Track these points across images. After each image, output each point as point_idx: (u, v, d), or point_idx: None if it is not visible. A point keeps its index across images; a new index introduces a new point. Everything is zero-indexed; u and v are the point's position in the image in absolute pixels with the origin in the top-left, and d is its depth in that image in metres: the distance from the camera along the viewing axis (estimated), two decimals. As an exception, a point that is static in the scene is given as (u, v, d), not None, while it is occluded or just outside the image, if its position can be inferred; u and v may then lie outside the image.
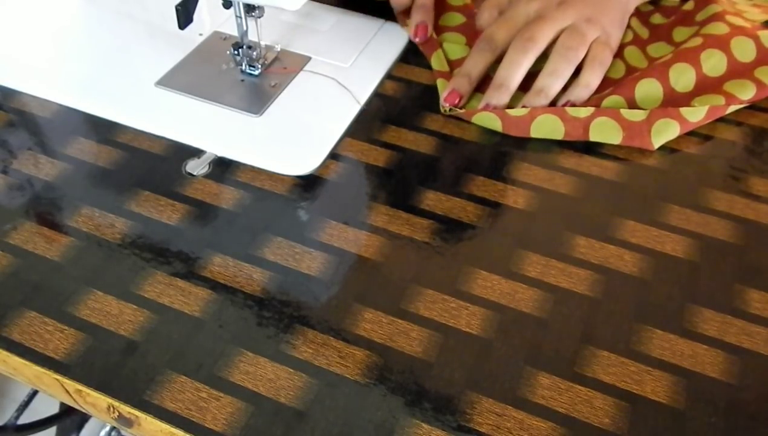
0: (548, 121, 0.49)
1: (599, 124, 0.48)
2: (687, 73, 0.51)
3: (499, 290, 0.40)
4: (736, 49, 0.52)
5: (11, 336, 0.37)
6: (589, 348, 0.37)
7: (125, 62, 0.54)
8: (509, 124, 0.49)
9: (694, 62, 0.51)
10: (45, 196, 0.45)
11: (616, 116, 0.49)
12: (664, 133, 0.48)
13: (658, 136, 0.48)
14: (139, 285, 0.40)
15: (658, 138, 0.48)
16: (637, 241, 0.42)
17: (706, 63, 0.51)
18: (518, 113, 0.49)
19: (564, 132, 0.49)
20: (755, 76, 0.52)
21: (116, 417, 0.35)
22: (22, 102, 0.52)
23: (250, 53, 0.52)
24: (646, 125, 0.48)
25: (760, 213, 0.44)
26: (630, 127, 0.48)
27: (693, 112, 0.49)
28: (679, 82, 0.51)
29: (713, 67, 0.51)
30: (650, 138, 0.48)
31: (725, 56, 0.52)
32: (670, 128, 0.48)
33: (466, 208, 0.44)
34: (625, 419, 0.34)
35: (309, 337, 0.37)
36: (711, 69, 0.51)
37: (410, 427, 0.34)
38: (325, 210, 0.44)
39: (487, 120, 0.50)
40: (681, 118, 0.49)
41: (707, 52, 0.52)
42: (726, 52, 0.52)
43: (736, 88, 0.51)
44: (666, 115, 0.49)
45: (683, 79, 0.51)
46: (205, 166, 0.47)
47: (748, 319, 0.38)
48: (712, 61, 0.51)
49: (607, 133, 0.48)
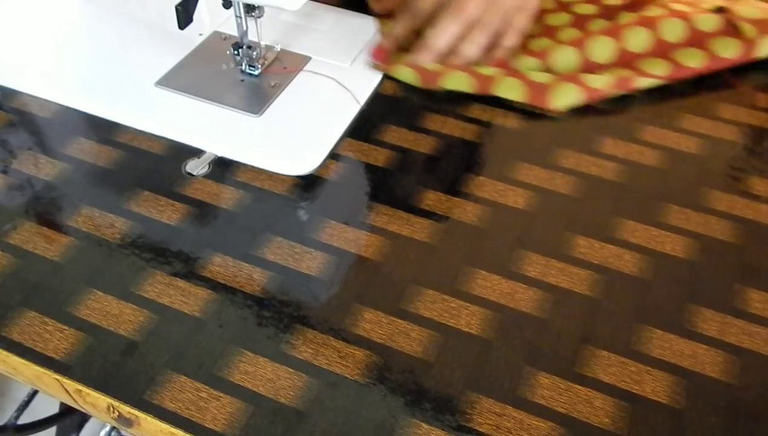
0: (459, 76, 0.52)
1: (505, 82, 0.51)
2: (607, 46, 0.53)
3: (499, 290, 0.40)
4: (665, 28, 0.53)
5: (11, 336, 0.37)
6: (589, 348, 0.37)
7: (125, 62, 0.54)
8: (425, 78, 0.53)
9: (617, 36, 0.53)
10: (45, 196, 0.45)
11: (521, 77, 0.51)
12: (566, 97, 0.51)
13: (558, 98, 0.51)
14: (139, 285, 0.40)
15: (559, 100, 0.51)
16: (637, 241, 0.42)
17: (629, 38, 0.53)
18: (433, 68, 0.52)
19: (472, 86, 0.52)
20: (674, 57, 0.53)
21: (116, 417, 0.35)
22: (22, 102, 0.52)
23: (250, 53, 0.52)
24: (549, 87, 0.51)
25: (760, 213, 0.44)
26: (533, 87, 0.51)
27: (596, 79, 0.51)
28: (595, 53, 0.53)
29: (636, 43, 0.53)
30: (551, 99, 0.51)
31: (651, 34, 0.53)
32: (571, 92, 0.51)
33: (466, 208, 0.44)
34: (625, 419, 0.34)
35: (309, 337, 0.37)
36: (633, 45, 0.53)
37: (410, 427, 0.34)
38: (325, 210, 0.44)
39: (405, 74, 0.53)
40: (584, 85, 0.51)
41: (633, 29, 0.54)
42: (653, 30, 0.53)
43: (651, 65, 0.53)
44: (569, 80, 0.51)
45: (601, 50, 0.53)
46: (205, 166, 0.47)
47: (748, 319, 0.38)
48: (636, 37, 0.53)
49: (511, 91, 0.51)
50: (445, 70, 0.52)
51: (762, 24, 0.54)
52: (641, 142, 0.49)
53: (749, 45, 0.54)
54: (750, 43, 0.53)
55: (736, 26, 0.54)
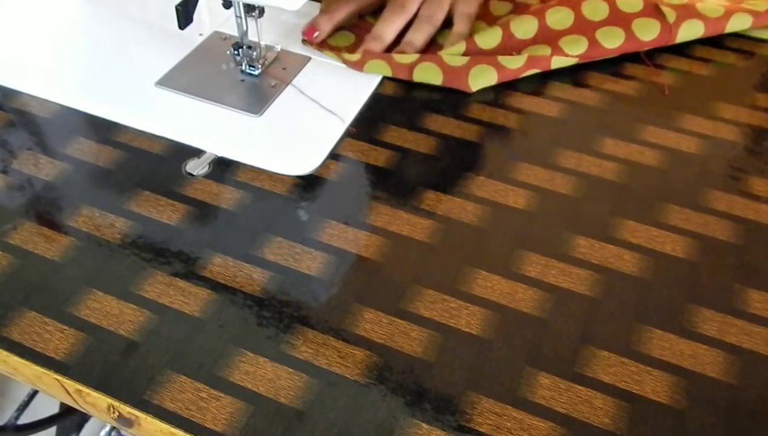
0: (378, 63, 0.53)
1: (422, 68, 0.53)
2: (528, 23, 0.54)
3: (499, 290, 0.40)
4: (587, 9, 0.55)
5: (11, 336, 0.37)
6: (589, 348, 0.37)
7: (125, 62, 0.54)
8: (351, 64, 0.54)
9: (538, 15, 0.55)
10: (45, 196, 0.45)
11: (438, 61, 0.53)
12: (482, 78, 0.52)
13: (475, 80, 0.52)
14: (139, 285, 0.40)
15: (475, 82, 0.52)
16: (637, 241, 0.42)
17: (550, 17, 0.55)
18: (353, 58, 0.54)
19: (391, 72, 0.53)
20: (594, 36, 0.54)
21: (116, 417, 0.35)
22: (22, 102, 0.52)
23: (250, 53, 0.52)
24: (465, 70, 0.52)
25: (760, 213, 0.44)
26: (450, 71, 0.52)
27: (511, 60, 0.52)
28: (519, 30, 0.54)
29: (557, 21, 0.55)
30: (468, 81, 0.52)
31: (572, 12, 0.55)
32: (487, 74, 0.52)
33: (466, 208, 0.44)
34: (625, 419, 0.34)
35: (309, 337, 0.37)
36: (555, 22, 0.55)
37: (410, 427, 0.34)
38: (325, 210, 0.44)
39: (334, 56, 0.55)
40: (498, 66, 0.52)
41: (555, 8, 0.55)
42: (575, 10, 0.55)
43: (569, 43, 0.54)
44: (484, 61, 0.52)
45: (523, 27, 0.54)
46: (205, 166, 0.47)
47: (748, 319, 0.38)
48: (557, 15, 0.55)
49: (428, 76, 0.53)
50: (366, 58, 0.53)
51: (683, 8, 0.55)
52: (641, 142, 0.49)
53: (668, 30, 0.55)
54: (669, 27, 0.55)
55: (658, 8, 0.55)
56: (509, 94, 0.53)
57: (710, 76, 0.56)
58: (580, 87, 0.54)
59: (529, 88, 0.54)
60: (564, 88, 0.54)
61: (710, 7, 0.56)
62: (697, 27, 0.55)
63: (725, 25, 0.56)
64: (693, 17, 0.55)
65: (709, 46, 0.58)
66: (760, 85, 0.55)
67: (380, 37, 0.55)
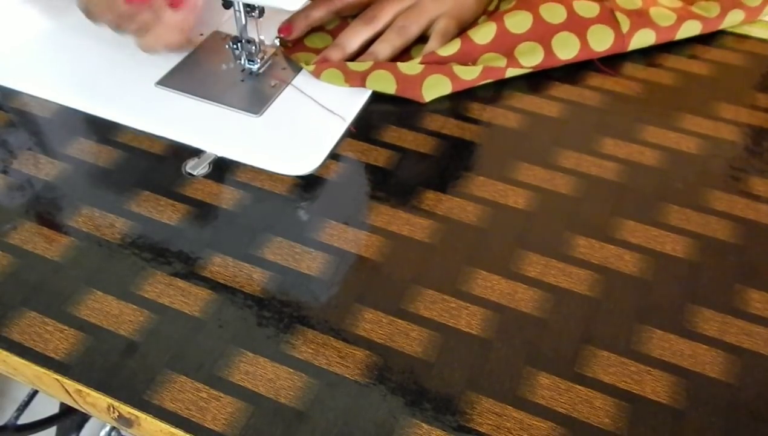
0: (333, 72, 0.52)
1: (376, 76, 0.51)
2: (487, 27, 0.54)
3: (499, 290, 0.40)
4: (545, 12, 0.54)
5: (11, 336, 0.37)
6: (589, 348, 0.37)
7: (125, 62, 0.54)
8: (311, 72, 0.53)
9: (497, 20, 0.54)
10: (45, 196, 0.45)
11: (392, 69, 0.52)
12: (435, 89, 0.52)
13: (429, 90, 0.51)
14: (139, 285, 0.40)
15: (429, 92, 0.51)
16: (637, 241, 0.42)
17: (509, 20, 0.54)
18: (309, 67, 0.53)
19: (344, 79, 0.52)
20: (550, 44, 0.54)
21: (116, 417, 0.35)
22: (22, 102, 0.52)
23: (249, 47, 0.52)
24: (419, 79, 0.51)
25: (760, 213, 0.44)
26: (404, 79, 0.51)
27: (466, 70, 0.52)
28: (477, 35, 0.53)
29: (515, 23, 0.54)
30: (421, 91, 0.51)
31: (531, 15, 0.54)
32: (441, 84, 0.52)
33: (466, 208, 0.44)
34: (625, 419, 0.34)
35: (309, 337, 0.37)
36: (513, 25, 0.54)
37: (410, 427, 0.34)
38: (325, 210, 0.44)
39: (302, 59, 0.54)
40: (453, 76, 0.52)
41: (513, 12, 0.54)
42: (533, 12, 0.54)
43: (525, 53, 0.53)
44: (439, 71, 0.51)
45: (482, 31, 0.53)
46: (205, 166, 0.47)
47: (748, 319, 0.38)
48: (515, 18, 0.54)
49: (382, 84, 0.51)
50: (323, 66, 0.52)
51: (637, 16, 0.55)
52: (641, 142, 0.49)
53: (621, 39, 0.55)
54: (623, 37, 0.55)
55: (613, 15, 0.55)
56: (509, 94, 0.53)
57: (710, 76, 0.56)
58: (580, 87, 0.54)
59: (529, 88, 0.54)
60: (564, 88, 0.54)
61: (663, 14, 0.56)
62: (649, 36, 0.56)
63: (676, 33, 0.57)
64: (646, 26, 0.55)
65: (710, 46, 0.58)
66: (760, 85, 0.55)
67: (342, 45, 0.54)
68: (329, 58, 0.53)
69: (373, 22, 0.54)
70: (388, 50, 0.54)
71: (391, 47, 0.54)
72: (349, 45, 0.54)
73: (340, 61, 0.53)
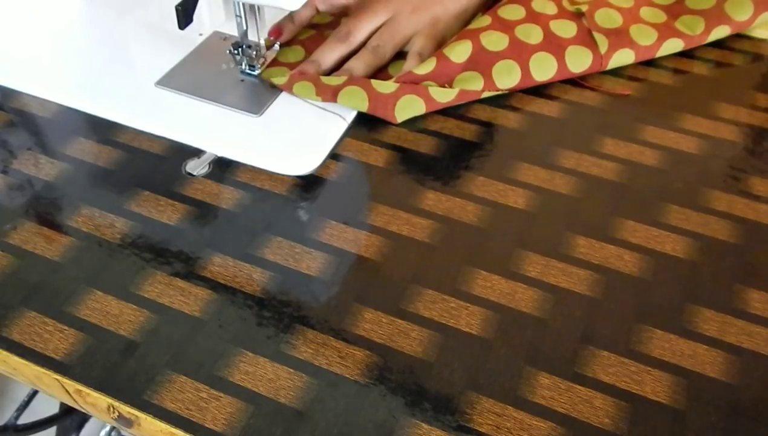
0: (305, 85, 0.51)
1: (348, 92, 0.50)
2: (462, 45, 0.52)
3: (499, 290, 0.40)
4: (520, 32, 0.53)
5: (11, 336, 0.37)
6: (589, 348, 0.37)
7: (125, 62, 0.54)
8: (281, 87, 0.52)
9: (472, 38, 0.53)
10: (45, 196, 0.45)
11: (366, 86, 0.50)
12: (409, 109, 0.50)
13: (402, 111, 0.50)
14: (139, 285, 0.40)
15: (402, 112, 0.50)
16: (637, 241, 0.42)
17: (484, 38, 0.53)
18: (280, 82, 0.51)
19: (315, 93, 0.50)
20: (527, 64, 0.53)
21: (116, 417, 0.35)
22: (22, 102, 0.52)
23: (250, 53, 0.52)
24: (393, 99, 0.50)
25: (760, 213, 0.44)
26: (376, 97, 0.49)
27: (442, 93, 0.51)
28: (453, 53, 0.52)
29: (491, 42, 0.53)
30: (394, 111, 0.50)
31: (506, 36, 0.53)
32: (415, 105, 0.50)
33: (466, 208, 0.44)
34: (625, 419, 0.34)
35: (309, 337, 0.37)
36: (489, 43, 0.53)
37: (410, 427, 0.34)
38: (325, 210, 0.44)
39: (272, 74, 0.53)
40: (428, 97, 0.50)
41: (488, 31, 0.53)
42: (508, 33, 0.53)
43: (502, 73, 0.52)
44: (414, 91, 0.50)
45: (457, 49, 0.52)
46: (205, 166, 0.47)
47: (748, 319, 0.38)
48: (491, 37, 0.53)
49: (353, 101, 0.50)
50: (294, 80, 0.51)
51: (616, 36, 0.54)
52: (641, 142, 0.49)
53: (599, 60, 0.54)
54: (601, 58, 0.54)
55: (591, 35, 0.54)
56: (509, 95, 0.53)
57: (710, 76, 0.56)
58: (580, 87, 0.54)
59: (529, 88, 0.54)
60: (564, 88, 0.54)
61: (644, 32, 0.55)
62: (628, 56, 0.55)
63: (656, 51, 0.56)
64: (624, 46, 0.54)
65: (710, 46, 0.58)
66: (760, 85, 0.55)
67: (317, 62, 0.53)
68: (305, 72, 0.52)
69: (348, 39, 0.54)
70: (362, 69, 0.53)
71: (365, 66, 0.53)
72: (324, 61, 0.53)
73: (314, 75, 0.52)
